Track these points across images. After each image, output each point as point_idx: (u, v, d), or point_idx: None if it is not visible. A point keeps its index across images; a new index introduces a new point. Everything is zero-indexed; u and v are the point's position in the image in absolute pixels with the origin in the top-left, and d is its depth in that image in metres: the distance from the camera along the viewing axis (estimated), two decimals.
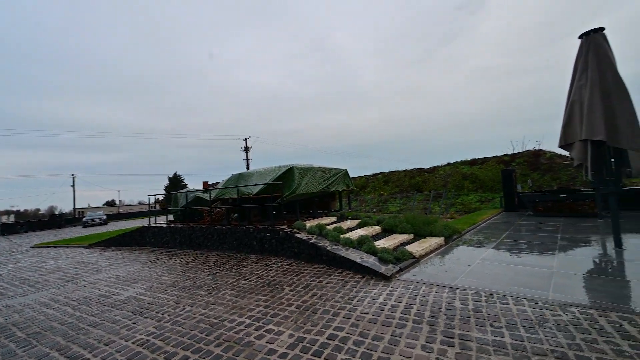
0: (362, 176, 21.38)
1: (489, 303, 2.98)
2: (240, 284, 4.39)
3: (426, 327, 2.62)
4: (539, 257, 4.45)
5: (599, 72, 4.60)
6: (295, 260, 5.45)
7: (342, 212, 8.44)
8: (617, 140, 4.39)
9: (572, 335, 2.30)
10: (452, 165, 16.71)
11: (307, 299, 3.55)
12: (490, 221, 8.31)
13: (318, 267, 4.86)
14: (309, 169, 7.16)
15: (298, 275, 4.52)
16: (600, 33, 4.76)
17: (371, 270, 4.19)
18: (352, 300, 3.38)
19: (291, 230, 5.83)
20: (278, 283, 4.25)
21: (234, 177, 8.02)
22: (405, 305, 3.12)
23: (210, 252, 7.12)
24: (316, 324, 2.89)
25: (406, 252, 4.73)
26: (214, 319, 3.24)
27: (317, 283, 4.10)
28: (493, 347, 2.24)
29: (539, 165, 13.62)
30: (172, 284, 4.76)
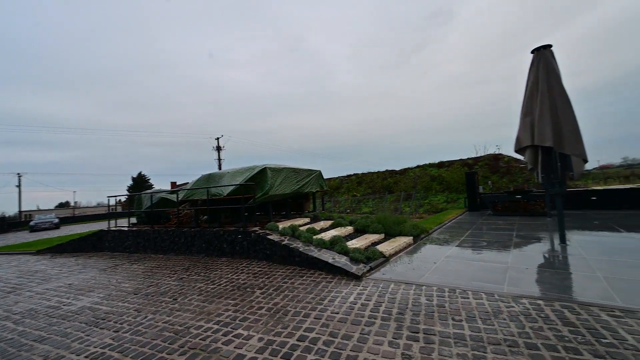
0: (337, 177, 21.63)
1: (451, 298, 3.15)
2: (209, 288, 4.23)
3: (393, 324, 2.71)
4: (497, 254, 4.79)
5: (547, 85, 5.07)
6: (267, 263, 5.36)
7: (315, 213, 8.46)
8: (562, 146, 4.87)
9: (522, 324, 2.50)
10: (422, 168, 17.48)
11: (278, 301, 3.51)
12: (455, 220, 8.80)
13: (290, 269, 4.83)
14: (282, 169, 7.10)
15: (270, 278, 4.45)
16: (549, 49, 5.26)
17: (343, 270, 4.25)
18: (323, 300, 3.40)
19: (263, 232, 5.73)
20: (249, 286, 4.15)
21: (204, 178, 7.72)
22: (374, 303, 3.20)
23: (177, 256, 6.79)
24: (287, 326, 2.86)
25: (377, 251, 4.85)
26: (179, 326, 3.09)
27: (289, 285, 4.07)
28: (454, 340, 2.37)
29: (499, 168, 14.69)
30: (133, 291, 4.46)
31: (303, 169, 8.01)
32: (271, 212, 7.05)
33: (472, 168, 14.92)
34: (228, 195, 6.62)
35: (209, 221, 7.27)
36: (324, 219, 7.77)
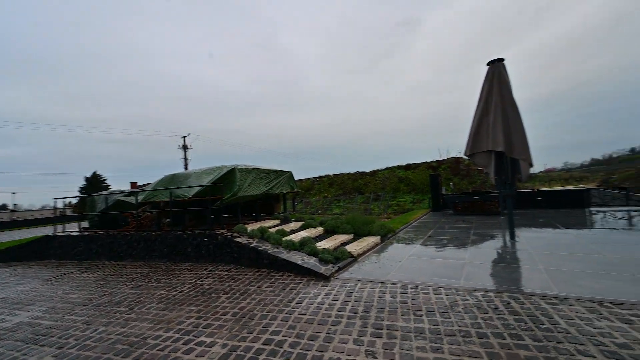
0: (308, 178, 21.67)
1: (413, 294, 3.31)
2: (170, 295, 4.00)
3: (359, 322, 2.77)
4: (456, 251, 5.11)
5: (500, 96, 5.53)
6: (234, 266, 5.21)
7: (286, 214, 8.40)
8: (512, 151, 5.34)
9: (475, 315, 2.70)
10: (390, 170, 18.14)
11: (244, 305, 3.42)
12: (420, 220, 9.24)
13: (259, 272, 4.74)
14: (251, 170, 6.95)
15: (237, 282, 4.33)
16: (502, 63, 5.75)
17: (311, 271, 4.26)
18: (290, 302, 3.38)
19: (231, 235, 5.56)
20: (214, 291, 4.00)
21: (167, 178, 7.30)
22: (341, 302, 3.25)
23: (136, 262, 6.34)
24: (252, 330, 2.80)
25: (345, 251, 4.94)
26: (134, 337, 2.88)
27: (257, 288, 3.99)
28: (414, 334, 2.49)
29: (459, 171, 15.71)
30: (82, 302, 4.08)
31: (273, 170, 7.92)
32: (240, 214, 6.87)
33: (436, 170, 15.79)
34: (194, 196, 6.33)
35: (172, 224, 6.89)
36: (295, 220, 7.74)
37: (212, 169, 6.72)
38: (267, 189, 7.35)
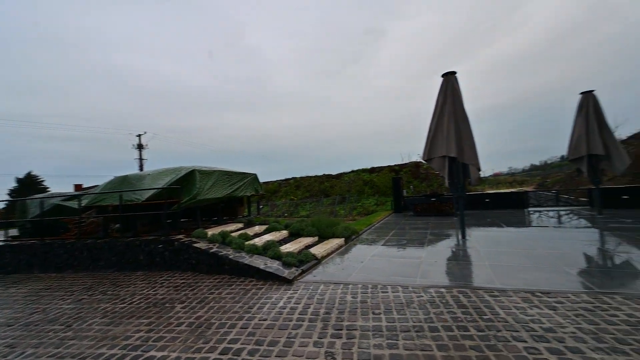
0: (275, 181, 21.38)
1: (373, 293, 3.41)
2: (117, 308, 3.66)
3: (320, 324, 2.79)
4: (414, 250, 5.40)
5: (453, 105, 6.00)
6: (192, 273, 4.93)
7: (250, 218, 8.18)
8: (463, 157, 5.81)
9: (428, 311, 2.87)
10: (356, 173, 18.62)
11: (201, 314, 3.25)
12: (382, 222, 9.60)
13: (219, 278, 4.54)
14: (213, 172, 6.67)
15: (194, 290, 4.10)
16: (454, 75, 6.24)
17: (274, 275, 4.19)
18: (251, 308, 3.29)
19: (189, 240, 5.26)
20: (168, 301, 3.74)
21: (118, 180, 6.70)
22: (303, 305, 3.24)
23: (77, 273, 5.70)
24: (209, 340, 2.67)
25: (309, 254, 4.94)
26: (70, 358, 2.58)
27: (216, 295, 3.82)
28: (372, 332, 2.57)
29: (419, 174, 16.66)
30: (6, 322, 3.55)
31: (237, 172, 7.69)
32: (200, 218, 6.54)
33: (398, 174, 16.57)
34: (147, 200, 5.88)
35: (122, 230, 6.32)
36: (259, 223, 7.57)
37: (169, 170, 6.31)
38: (230, 192, 7.10)
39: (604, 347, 2.13)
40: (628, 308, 2.68)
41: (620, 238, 5.33)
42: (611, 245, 4.97)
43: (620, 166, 7.28)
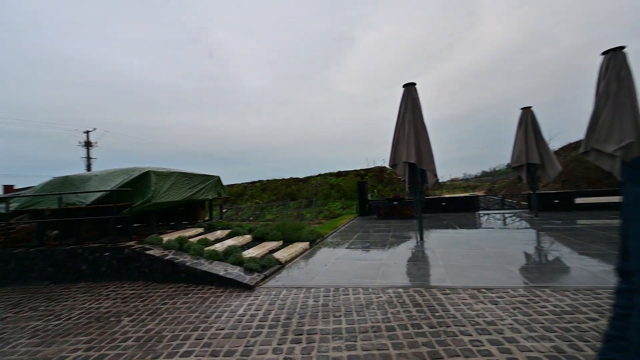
0: (240, 184, 20.76)
1: (335, 296, 3.45)
2: (50, 325, 3.25)
3: (280, 330, 2.74)
4: (376, 252, 5.58)
5: (413, 114, 6.36)
6: (144, 283, 4.57)
7: (211, 222, 7.83)
8: (421, 163, 6.18)
9: (386, 311, 2.97)
10: (323, 176, 18.81)
11: (152, 327, 3.02)
12: (347, 225, 9.79)
13: (174, 287, 4.26)
14: (171, 174, 6.28)
15: (145, 301, 3.80)
16: (414, 86, 6.62)
17: (235, 281, 4.04)
18: (208, 318, 3.13)
19: (141, 247, 4.87)
20: (114, 315, 3.42)
21: (57, 181, 6.00)
22: (264, 312, 3.17)
23: (3, 288, 4.96)
24: (159, 354, 2.48)
25: (273, 259, 4.86)
26: None
27: (170, 306, 3.57)
28: (332, 335, 2.59)
29: (383, 179, 17.33)
30: None
31: (198, 174, 7.32)
32: (154, 223, 6.10)
33: (364, 178, 17.07)
34: (93, 203, 5.35)
35: (60, 237, 5.65)
36: (221, 228, 7.28)
37: (120, 171, 5.81)
38: (189, 195, 6.73)
39: (534, 336, 2.38)
40: (555, 299, 3.04)
41: (552, 237, 6.04)
42: (544, 244, 5.61)
43: (552, 174, 8.28)
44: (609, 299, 2.95)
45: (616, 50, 5.26)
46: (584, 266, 4.02)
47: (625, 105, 5.11)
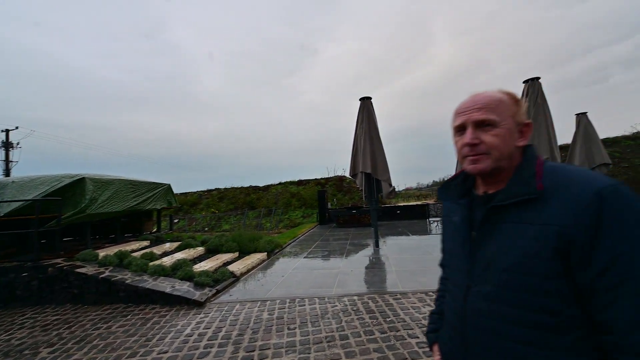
0: (195, 192, 19.54)
1: (290, 308, 3.39)
2: None
3: (230, 348, 2.60)
4: (334, 261, 5.64)
5: (369, 126, 6.68)
6: (72, 306, 4.00)
7: (159, 234, 7.21)
8: (376, 173, 6.48)
9: (340, 319, 3.00)
10: (283, 185, 18.62)
11: (79, 357, 2.64)
12: (307, 234, 9.78)
13: (110, 309, 3.79)
14: (112, 181, 5.67)
15: (72, 327, 3.31)
16: (370, 100, 6.98)
17: (182, 298, 3.74)
18: (149, 341, 2.84)
19: (70, 265, 4.28)
20: (29, 347, 2.91)
21: None
22: (214, 330, 2.97)
23: None
24: None
25: (227, 271, 4.62)
26: None
27: (104, 330, 3.17)
28: (286, 349, 2.53)
29: (343, 188, 17.75)
30: None
31: (145, 182, 6.73)
32: (89, 237, 5.41)
33: (324, 187, 17.30)
34: (9, 215, 4.58)
35: None
36: (170, 240, 6.74)
37: (46, 178, 5.07)
38: (134, 205, 6.13)
39: None
40: None
41: None
42: None
43: None
44: None
45: (534, 80, 6.18)
46: None
47: (541, 126, 6.00)
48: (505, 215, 0.66)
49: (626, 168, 13.80)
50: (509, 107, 0.69)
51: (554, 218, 0.59)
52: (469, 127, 0.70)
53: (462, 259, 0.75)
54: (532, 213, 0.62)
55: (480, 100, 0.70)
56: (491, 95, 0.70)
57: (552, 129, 6.02)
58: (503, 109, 0.69)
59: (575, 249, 0.56)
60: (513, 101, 0.71)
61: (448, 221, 0.84)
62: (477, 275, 0.69)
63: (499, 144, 0.67)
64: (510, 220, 0.65)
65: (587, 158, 9.20)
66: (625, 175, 13.50)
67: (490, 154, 0.68)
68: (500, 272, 0.64)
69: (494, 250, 0.66)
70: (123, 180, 6.02)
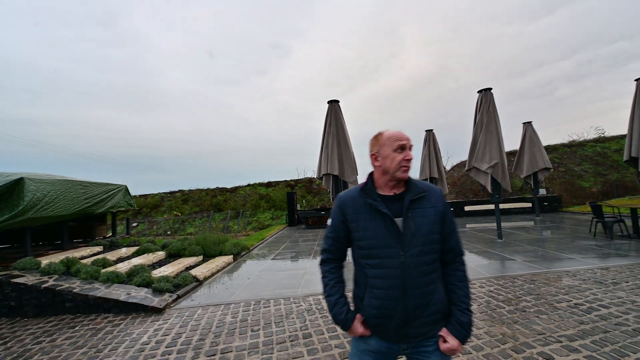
0: (157, 193, 18.39)
1: (255, 310, 3.37)
2: None
3: (190, 354, 2.53)
4: (301, 262, 5.68)
5: (336, 129, 6.84)
6: (9, 320, 3.60)
7: (114, 239, 6.71)
8: (343, 175, 6.66)
9: (304, 318, 3.06)
10: (252, 186, 18.26)
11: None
12: (276, 235, 9.70)
13: (54, 321, 3.47)
14: (57, 181, 5.18)
15: (8, 343, 2.99)
16: (337, 103, 7.16)
17: (139, 305, 3.55)
18: (100, 352, 2.66)
19: (5, 274, 3.84)
20: None
21: None
22: (173, 336, 2.87)
23: None
24: None
25: (189, 276, 4.46)
26: None
27: (47, 344, 2.90)
28: (248, 350, 2.52)
29: (312, 189, 17.87)
30: None
31: (98, 183, 6.24)
32: (29, 244, 4.89)
33: (293, 189, 17.28)
34: None
35: None
36: (127, 245, 6.31)
37: None
38: (84, 207, 5.65)
39: None
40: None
41: None
42: None
43: (445, 188, 9.98)
44: (480, 287, 3.70)
45: (487, 90, 6.80)
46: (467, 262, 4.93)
47: (492, 133, 6.61)
48: (416, 204, 1.11)
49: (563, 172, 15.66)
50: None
51: (435, 203, 1.13)
52: (408, 149, 1.14)
53: (390, 238, 1.08)
54: (426, 202, 1.12)
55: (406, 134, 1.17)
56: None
57: (501, 136, 6.66)
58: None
59: (443, 217, 1.13)
60: None
61: (368, 214, 1.13)
62: (407, 244, 1.07)
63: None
64: (418, 207, 1.11)
65: (531, 162, 10.32)
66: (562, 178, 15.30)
67: (410, 167, 1.15)
68: (422, 236, 1.07)
69: (415, 226, 1.08)
70: (71, 181, 5.53)
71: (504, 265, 4.61)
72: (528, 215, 11.31)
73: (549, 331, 2.54)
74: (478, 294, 3.51)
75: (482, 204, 12.32)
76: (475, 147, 6.82)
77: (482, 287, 3.71)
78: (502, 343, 2.41)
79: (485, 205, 12.25)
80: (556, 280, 3.81)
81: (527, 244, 6.11)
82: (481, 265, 4.65)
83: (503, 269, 4.42)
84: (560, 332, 2.51)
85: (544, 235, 7.08)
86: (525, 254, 5.24)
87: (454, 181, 16.78)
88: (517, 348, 2.32)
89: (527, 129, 10.52)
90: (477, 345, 2.41)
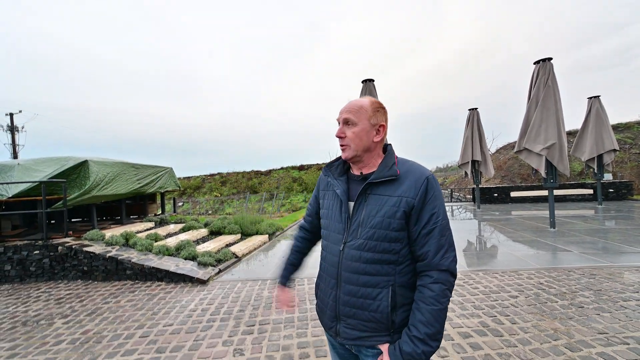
0: (198, 176, 19.71)
1: None
2: None
3: (232, 322, 2.72)
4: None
5: None
6: (83, 282, 4.18)
7: (163, 216, 7.37)
8: None
9: None
10: (285, 170, 18.68)
11: (90, 327, 2.79)
12: None
13: (118, 285, 3.96)
14: (114, 164, 5.75)
15: (83, 301, 3.48)
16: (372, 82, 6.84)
17: (187, 276, 3.89)
18: (155, 315, 2.98)
19: (79, 244, 4.43)
20: (45, 317, 3.09)
21: None
22: (216, 306, 3.11)
23: None
24: (97, 355, 2.32)
25: (229, 252, 4.76)
26: None
27: (113, 305, 3.33)
28: (284, 324, 2.65)
29: None
30: None
31: (147, 165, 6.81)
32: (95, 218, 5.56)
33: None
34: (17, 196, 4.70)
35: None
36: (174, 222, 6.90)
37: (51, 159, 5.16)
38: (137, 187, 6.24)
39: (465, 314, 2.69)
40: (485, 281, 3.44)
41: (491, 227, 6.78)
42: (484, 233, 6.28)
43: (492, 171, 9.23)
44: (528, 278, 3.44)
45: (545, 60, 5.97)
46: (512, 251, 4.59)
47: (550, 110, 5.86)
48: (374, 189, 0.92)
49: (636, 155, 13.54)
50: (366, 112, 0.93)
51: (405, 192, 0.89)
52: (340, 124, 0.96)
53: (340, 222, 0.97)
54: (391, 189, 0.91)
55: (349, 105, 0.95)
56: (356, 102, 0.95)
57: (560, 113, 5.86)
58: (362, 112, 0.93)
59: (414, 212, 0.88)
60: (372, 107, 0.94)
61: (330, 194, 1.04)
62: (350, 233, 0.94)
63: (354, 138, 0.93)
64: (377, 193, 0.92)
65: (596, 143, 9.00)
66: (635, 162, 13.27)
67: (350, 145, 0.94)
68: (370, 228, 0.90)
69: (365, 214, 0.92)
70: (125, 164, 6.10)
71: (555, 257, 4.21)
72: (588, 203, 10.11)
73: (613, 331, 2.29)
74: (526, 285, 3.26)
75: (532, 189, 11.26)
76: (528, 127, 6.12)
77: (530, 279, 3.43)
78: (553, 339, 2.22)
79: (536, 191, 11.18)
80: (621, 275, 3.38)
81: (585, 234, 5.49)
82: (529, 255, 4.30)
83: (555, 261, 4.04)
84: (627, 333, 2.24)
85: (607, 226, 6.29)
86: (583, 245, 4.72)
87: (499, 165, 15.49)
88: (572, 346, 2.13)
89: (593, 104, 9.13)
90: (523, 338, 2.25)
